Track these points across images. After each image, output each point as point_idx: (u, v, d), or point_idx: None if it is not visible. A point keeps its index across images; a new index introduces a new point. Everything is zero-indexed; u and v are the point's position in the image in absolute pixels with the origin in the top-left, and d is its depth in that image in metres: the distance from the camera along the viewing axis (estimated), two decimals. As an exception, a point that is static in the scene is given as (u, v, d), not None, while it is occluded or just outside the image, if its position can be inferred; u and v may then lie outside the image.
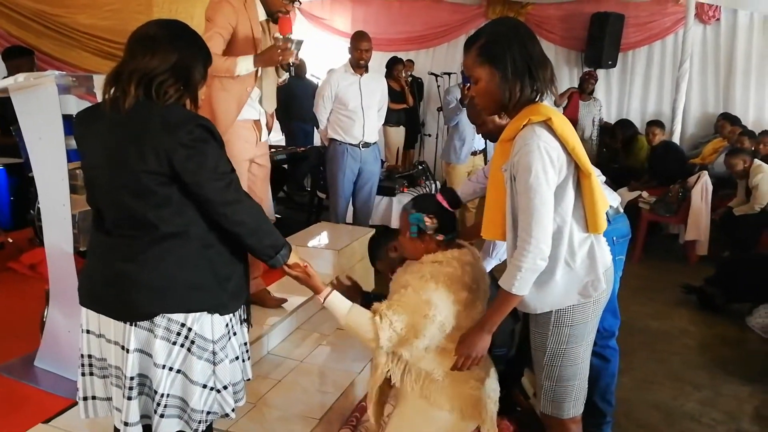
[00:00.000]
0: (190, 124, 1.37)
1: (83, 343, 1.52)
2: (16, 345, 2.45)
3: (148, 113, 1.37)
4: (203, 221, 1.43)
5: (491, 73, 1.59)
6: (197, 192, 1.39)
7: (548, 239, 1.54)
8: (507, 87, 1.58)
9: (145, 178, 1.35)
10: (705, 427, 2.64)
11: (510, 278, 1.58)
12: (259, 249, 1.52)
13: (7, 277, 3.35)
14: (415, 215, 1.82)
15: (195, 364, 1.44)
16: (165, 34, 1.43)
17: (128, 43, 1.43)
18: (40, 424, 1.98)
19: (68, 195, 2.08)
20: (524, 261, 1.54)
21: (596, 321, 1.73)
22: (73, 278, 2.16)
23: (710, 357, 3.35)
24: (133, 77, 1.36)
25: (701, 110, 6.84)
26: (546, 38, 7.26)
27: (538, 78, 1.58)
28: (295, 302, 3.00)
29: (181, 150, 1.35)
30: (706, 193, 5.00)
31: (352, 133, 4.15)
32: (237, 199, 1.44)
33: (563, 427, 1.78)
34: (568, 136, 1.54)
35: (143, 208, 1.38)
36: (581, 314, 1.67)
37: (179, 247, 1.41)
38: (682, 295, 4.13)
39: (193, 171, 1.36)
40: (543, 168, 1.51)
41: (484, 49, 1.59)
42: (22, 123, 2.12)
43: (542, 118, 1.53)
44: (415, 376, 1.81)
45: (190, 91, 1.46)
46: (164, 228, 1.39)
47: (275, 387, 2.42)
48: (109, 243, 1.45)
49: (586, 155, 1.60)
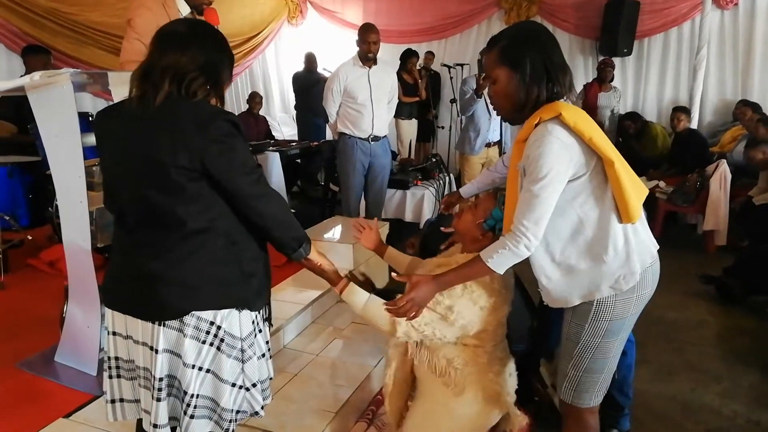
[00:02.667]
0: (219, 120, 1.37)
1: (110, 346, 1.51)
2: (37, 341, 2.50)
3: (178, 109, 1.37)
4: (229, 217, 1.43)
5: (510, 76, 1.60)
6: (228, 187, 1.39)
7: (539, 232, 1.54)
8: (524, 90, 1.59)
9: (175, 173, 1.35)
10: (725, 419, 2.61)
11: (492, 251, 1.58)
12: (285, 242, 1.53)
13: (27, 274, 3.40)
14: (500, 212, 1.78)
15: (224, 362, 1.44)
16: (194, 33, 1.44)
17: (156, 40, 1.43)
18: (61, 418, 2.02)
19: (85, 192, 2.11)
20: (511, 242, 1.55)
21: (636, 317, 1.71)
22: (92, 274, 2.20)
23: (728, 348, 3.31)
24: (167, 73, 1.36)
25: (719, 98, 6.71)
26: (560, 27, 7.18)
27: (557, 82, 1.59)
28: (310, 297, 3.01)
29: (212, 146, 1.35)
30: (725, 181, 4.92)
31: (361, 126, 4.13)
32: (266, 193, 1.45)
33: (580, 416, 1.78)
34: (582, 128, 1.53)
35: (171, 204, 1.37)
36: (622, 309, 1.64)
37: (207, 244, 1.41)
38: (700, 286, 4.08)
39: (224, 166, 1.37)
40: (551, 163, 1.50)
41: (505, 51, 1.61)
42: (39, 121, 2.14)
43: (553, 115, 1.53)
44: (437, 363, 1.81)
45: (218, 90, 1.47)
46: (192, 224, 1.39)
47: (291, 381, 2.44)
48: (133, 242, 1.45)
49: (608, 142, 1.57)
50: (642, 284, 1.64)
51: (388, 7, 7.99)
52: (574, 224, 1.60)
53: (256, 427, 2.05)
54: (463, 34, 7.74)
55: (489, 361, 1.82)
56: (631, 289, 1.62)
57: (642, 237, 1.65)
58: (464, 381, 1.79)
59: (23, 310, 2.89)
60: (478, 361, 1.80)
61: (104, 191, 1.55)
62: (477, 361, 1.80)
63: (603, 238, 1.59)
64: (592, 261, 1.60)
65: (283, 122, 8.59)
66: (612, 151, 1.56)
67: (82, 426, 1.99)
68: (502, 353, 1.89)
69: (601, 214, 1.58)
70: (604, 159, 1.55)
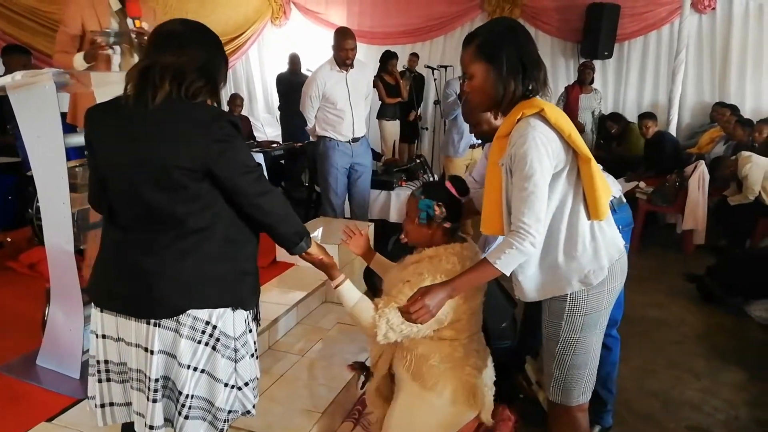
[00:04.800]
0: (220, 120, 1.38)
1: (98, 349, 1.49)
2: (17, 344, 2.46)
3: (179, 110, 1.36)
4: (227, 217, 1.44)
5: (486, 71, 1.63)
6: (230, 186, 1.39)
7: (541, 227, 1.56)
8: (501, 84, 1.62)
9: (177, 173, 1.35)
10: (704, 415, 2.66)
11: (499, 252, 1.60)
12: (287, 237, 1.55)
13: (6, 276, 3.35)
14: (425, 201, 1.84)
15: (219, 362, 1.44)
16: (192, 33, 1.44)
17: (153, 39, 1.43)
18: (44, 422, 1.99)
19: (68, 193, 2.08)
20: (517, 241, 1.56)
21: (609, 309, 1.75)
22: (75, 277, 2.17)
23: (709, 345, 3.37)
24: (166, 73, 1.35)
25: (697, 100, 6.84)
26: (542, 29, 7.26)
27: (532, 77, 1.62)
28: (295, 298, 3.01)
29: (214, 146, 1.35)
30: (703, 182, 5.01)
31: (342, 130, 4.12)
32: (268, 190, 1.46)
33: (570, 414, 1.80)
34: (563, 125, 1.57)
35: (171, 203, 1.37)
36: (595, 303, 1.68)
37: (205, 242, 1.41)
38: (681, 285, 4.15)
39: (226, 166, 1.37)
40: (538, 158, 1.53)
41: (481, 46, 1.63)
42: (20, 121, 2.11)
43: (535, 110, 1.56)
44: (412, 360, 1.85)
45: (215, 91, 1.46)
46: (192, 223, 1.39)
47: (277, 381, 2.44)
48: (127, 240, 1.43)
49: (583, 141, 1.62)
50: (611, 278, 1.69)
51: (372, 9, 8.00)
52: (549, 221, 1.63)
53: (242, 428, 2.04)
54: (447, 36, 7.78)
55: (465, 354, 1.85)
56: (601, 283, 1.66)
57: (608, 233, 1.69)
58: (440, 377, 1.81)
59: (3, 313, 2.84)
60: (454, 356, 1.83)
61: (91, 189, 1.54)
62: (453, 355, 1.83)
63: (573, 235, 1.63)
64: (564, 257, 1.64)
65: (266, 123, 8.55)
66: (587, 149, 1.61)
67: (66, 430, 1.96)
68: (478, 345, 1.93)
69: (572, 210, 1.63)
70: (581, 156, 1.59)
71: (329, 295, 3.27)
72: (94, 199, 1.55)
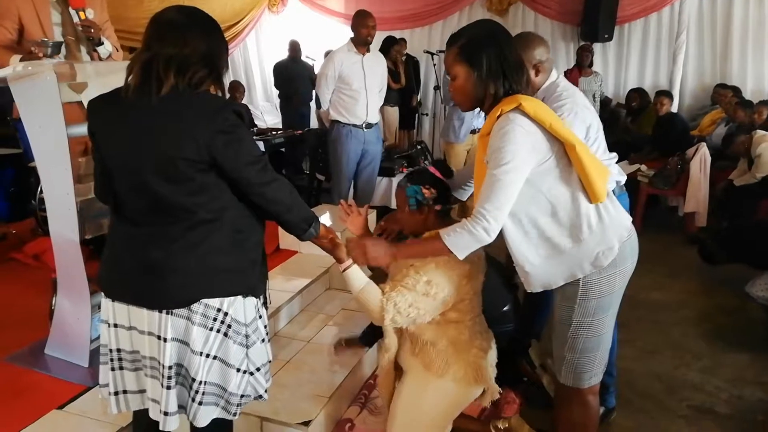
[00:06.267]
0: (226, 111, 1.37)
1: (110, 338, 1.50)
2: (25, 334, 2.47)
3: (183, 101, 1.36)
4: (235, 207, 1.44)
5: (468, 72, 1.67)
6: (236, 176, 1.39)
7: (500, 216, 1.58)
8: (482, 86, 1.66)
9: (183, 164, 1.34)
10: (706, 395, 2.68)
11: (452, 231, 1.62)
12: (295, 224, 1.56)
13: (11, 267, 3.36)
14: (413, 188, 1.87)
15: (231, 348, 1.45)
16: (193, 22, 1.42)
17: (152, 30, 1.40)
18: (55, 410, 2.01)
19: (72, 184, 2.08)
20: (470, 224, 1.59)
21: (622, 291, 1.76)
22: (81, 266, 2.18)
23: (710, 327, 3.40)
24: (171, 64, 1.34)
25: (698, 82, 6.81)
26: (541, 13, 7.21)
27: (513, 80, 1.65)
28: (299, 285, 3.03)
29: (219, 137, 1.35)
30: (705, 164, 5.02)
31: (356, 113, 4.13)
32: (274, 179, 1.46)
33: (581, 397, 1.82)
34: (542, 116, 1.59)
35: (178, 194, 1.37)
36: (608, 285, 1.69)
37: (214, 233, 1.41)
38: (683, 267, 4.17)
39: (231, 156, 1.37)
40: (513, 150, 1.55)
41: (464, 49, 1.67)
42: (22, 112, 2.11)
43: (513, 105, 1.59)
44: (420, 346, 1.88)
45: (219, 79, 1.46)
46: (201, 214, 1.39)
47: (284, 367, 2.46)
48: (136, 232, 1.44)
49: (567, 128, 1.64)
50: (622, 258, 1.70)
51: (370, -6, 7.93)
52: (548, 209, 1.65)
53: (249, 413, 2.07)
54: (446, 21, 7.73)
55: (471, 337, 1.88)
56: (613, 264, 1.67)
57: (613, 213, 1.70)
58: (449, 360, 1.84)
59: (9, 304, 2.86)
60: (460, 339, 1.86)
61: (96, 181, 1.54)
62: (460, 338, 1.86)
63: (577, 219, 1.64)
64: (571, 242, 1.65)
65: (265, 111, 8.53)
66: (572, 135, 1.62)
67: (77, 417, 1.99)
68: (481, 327, 1.95)
69: (572, 196, 1.64)
70: (565, 143, 1.61)
71: (333, 281, 3.28)
72: (100, 190, 1.55)
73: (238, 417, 1.55)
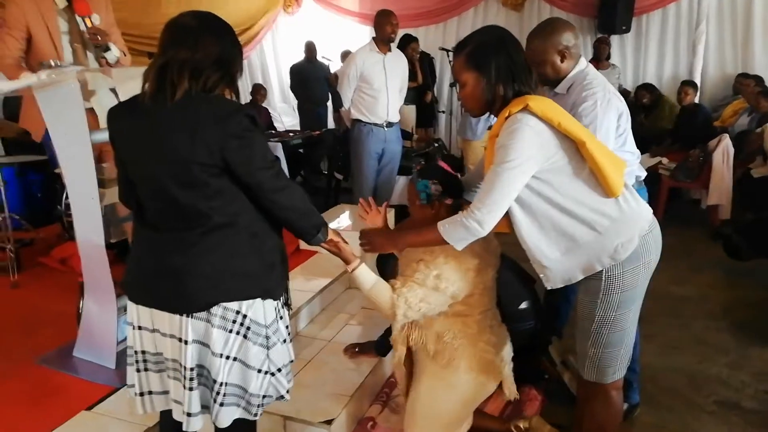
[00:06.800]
0: (238, 115, 1.38)
1: (135, 340, 1.53)
2: (54, 337, 2.54)
3: (197, 105, 1.37)
4: (250, 211, 1.46)
5: (477, 79, 1.68)
6: (249, 181, 1.40)
7: (495, 212, 1.60)
8: (491, 91, 1.67)
9: (197, 169, 1.36)
10: (732, 390, 2.65)
11: (449, 222, 1.66)
12: (306, 230, 1.57)
13: (39, 272, 3.44)
14: (422, 182, 1.89)
15: (251, 350, 1.47)
16: (206, 26, 1.43)
17: (167, 35, 1.42)
18: (84, 411, 2.06)
19: (97, 189, 2.13)
20: (465, 217, 1.62)
21: (646, 284, 1.75)
22: (106, 270, 2.23)
23: (734, 320, 3.35)
24: (184, 69, 1.35)
25: (719, 72, 6.66)
26: (557, 6, 7.14)
27: (522, 82, 1.66)
28: (320, 284, 3.06)
29: (232, 141, 1.36)
30: (728, 156, 4.93)
31: (377, 112, 4.15)
32: (287, 185, 1.47)
33: (605, 392, 1.81)
34: (550, 115, 1.59)
35: (194, 199, 1.39)
36: (631, 279, 1.68)
37: (230, 237, 1.43)
38: (706, 261, 4.11)
39: (244, 161, 1.38)
40: (519, 148, 1.56)
41: (471, 56, 1.68)
42: (47, 120, 2.16)
43: (521, 106, 1.59)
44: (429, 338, 1.90)
45: (233, 83, 1.47)
46: (217, 218, 1.41)
47: (306, 366, 2.49)
48: (157, 237, 1.46)
49: (577, 125, 1.64)
50: (646, 251, 1.68)
51: (384, -7, 7.93)
52: (564, 206, 1.64)
53: (272, 412, 2.09)
54: (461, 18, 7.68)
55: (479, 331, 1.89)
56: (636, 256, 1.66)
57: (634, 205, 1.69)
58: (455, 353, 1.86)
59: (38, 307, 2.93)
60: (467, 332, 1.87)
61: (120, 186, 1.57)
62: (467, 332, 1.87)
63: (594, 213, 1.63)
64: (589, 234, 1.65)
65: (283, 112, 8.58)
66: (583, 132, 1.62)
67: (105, 417, 2.03)
68: (493, 321, 1.96)
69: (587, 192, 1.63)
70: (576, 140, 1.60)
71: (353, 281, 3.30)
72: (124, 195, 1.59)
73: (260, 417, 1.57)
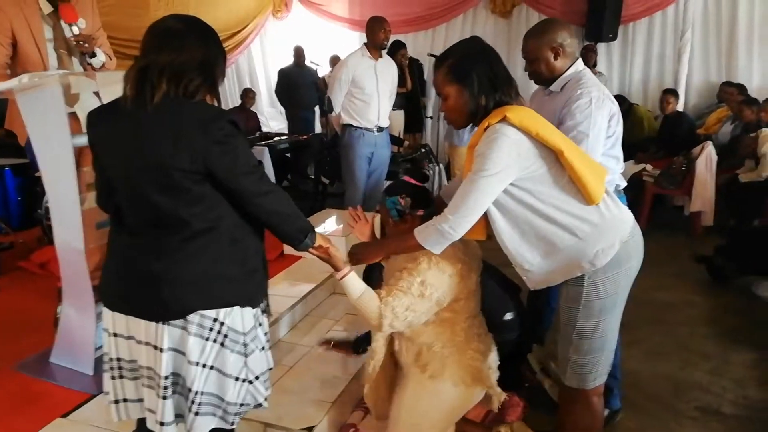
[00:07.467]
0: (221, 121, 1.36)
1: (111, 347, 1.51)
2: (32, 343, 2.50)
3: (178, 110, 1.35)
4: (231, 217, 1.44)
5: (459, 91, 1.70)
6: (232, 187, 1.39)
7: (467, 219, 1.63)
8: (474, 102, 1.69)
9: (178, 175, 1.34)
10: (713, 396, 2.66)
11: (424, 227, 1.71)
12: (291, 234, 1.56)
13: (18, 276, 3.40)
14: (390, 200, 1.94)
15: (228, 358, 1.45)
16: (188, 30, 1.41)
17: (149, 38, 1.40)
18: (59, 418, 2.03)
19: (77, 193, 2.10)
20: (438, 221, 1.66)
21: (627, 290, 1.76)
22: (85, 275, 2.20)
23: (717, 327, 3.37)
24: (165, 72, 1.33)
25: (704, 80, 6.74)
26: (545, 13, 7.17)
27: (503, 93, 1.68)
28: (303, 290, 3.04)
29: (214, 147, 1.34)
30: (711, 163, 4.99)
31: (367, 116, 4.15)
32: (271, 190, 1.46)
33: (586, 398, 1.82)
34: (528, 124, 1.60)
35: (174, 205, 1.37)
36: (612, 286, 1.69)
37: (211, 244, 1.41)
38: (689, 267, 4.14)
39: (227, 167, 1.37)
40: (496, 158, 1.58)
41: (452, 69, 1.70)
42: (28, 123, 2.13)
43: (500, 117, 1.61)
44: (416, 350, 1.90)
45: (214, 88, 1.46)
46: (196, 225, 1.39)
47: (288, 373, 2.47)
48: (135, 243, 1.44)
49: (556, 134, 1.65)
50: (627, 257, 1.69)
51: (373, -1, 7.96)
52: (545, 213, 1.65)
53: (253, 419, 2.08)
54: (449, 24, 7.71)
55: (467, 339, 1.89)
56: (617, 263, 1.67)
57: (614, 212, 1.70)
58: (444, 362, 1.86)
59: (16, 312, 2.89)
60: (456, 341, 1.87)
61: (98, 191, 1.55)
62: (455, 340, 1.87)
63: (575, 219, 1.65)
64: (570, 240, 1.66)
65: (270, 117, 8.57)
66: (561, 141, 1.63)
67: (81, 425, 2.00)
68: (480, 329, 1.96)
69: (568, 199, 1.65)
70: (554, 149, 1.62)
71: (337, 286, 3.29)
72: (102, 200, 1.57)
73: (237, 425, 1.55)
